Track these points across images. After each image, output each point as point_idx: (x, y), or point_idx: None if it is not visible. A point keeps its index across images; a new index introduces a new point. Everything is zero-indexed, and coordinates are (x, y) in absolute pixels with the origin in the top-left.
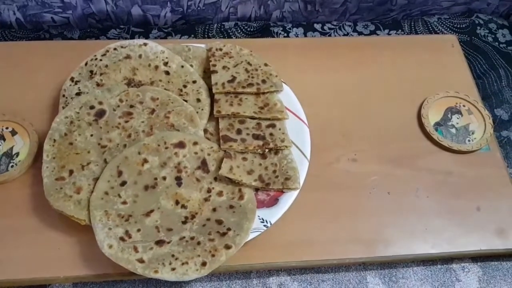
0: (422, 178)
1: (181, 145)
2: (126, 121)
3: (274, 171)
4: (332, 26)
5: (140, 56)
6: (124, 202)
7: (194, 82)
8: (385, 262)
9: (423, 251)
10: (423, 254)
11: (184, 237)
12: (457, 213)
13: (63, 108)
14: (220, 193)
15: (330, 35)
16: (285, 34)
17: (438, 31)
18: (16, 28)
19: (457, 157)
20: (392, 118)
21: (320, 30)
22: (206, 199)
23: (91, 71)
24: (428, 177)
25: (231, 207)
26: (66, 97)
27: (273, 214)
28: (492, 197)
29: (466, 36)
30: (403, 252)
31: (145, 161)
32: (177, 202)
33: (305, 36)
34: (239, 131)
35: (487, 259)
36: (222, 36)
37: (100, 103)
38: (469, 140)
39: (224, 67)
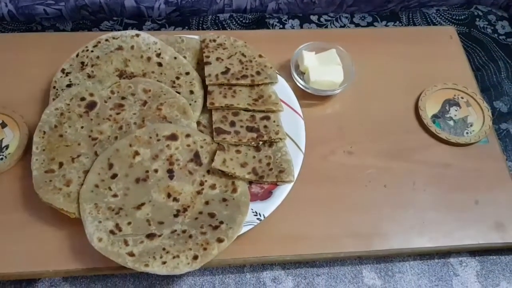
0: (419, 171)
1: (173, 137)
2: (118, 113)
3: (268, 164)
4: (329, 18)
5: (132, 47)
6: (115, 195)
7: (187, 73)
8: (381, 256)
9: (420, 245)
10: (420, 248)
11: (175, 231)
12: (455, 207)
13: (54, 100)
14: (213, 186)
15: (326, 27)
16: (281, 26)
17: (436, 23)
18: (8, 20)
19: (455, 150)
20: (388, 110)
21: (316, 22)
22: (198, 192)
23: (82, 63)
24: (425, 170)
25: (224, 200)
26: (57, 89)
27: (267, 207)
28: (490, 191)
29: (465, 27)
30: (400, 246)
31: (137, 153)
32: (169, 195)
33: (301, 28)
34: (232, 124)
35: (485, 253)
36: (216, 28)
37: (91, 94)
38: (467, 133)
39: (217, 59)
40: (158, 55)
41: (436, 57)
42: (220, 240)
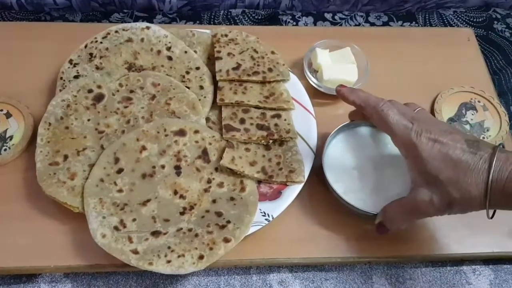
0: None
1: (181, 133)
2: (126, 107)
3: (278, 163)
4: (344, 16)
5: (142, 39)
6: (120, 190)
7: (198, 68)
8: (392, 262)
9: (432, 251)
10: (432, 254)
11: (181, 229)
12: (469, 213)
13: (61, 91)
14: (220, 184)
15: (341, 25)
16: (294, 23)
17: (453, 25)
18: (16, 9)
19: None
20: None
21: (330, 19)
22: (205, 190)
23: (91, 54)
24: None
25: (232, 199)
26: (64, 80)
27: (276, 208)
28: None
29: (483, 30)
30: (411, 252)
31: (144, 148)
32: (175, 192)
33: (315, 25)
34: (242, 121)
35: (499, 262)
36: (228, 23)
37: (99, 87)
38: (483, 137)
39: (229, 54)
40: (168, 48)
41: (453, 59)
42: (227, 240)
